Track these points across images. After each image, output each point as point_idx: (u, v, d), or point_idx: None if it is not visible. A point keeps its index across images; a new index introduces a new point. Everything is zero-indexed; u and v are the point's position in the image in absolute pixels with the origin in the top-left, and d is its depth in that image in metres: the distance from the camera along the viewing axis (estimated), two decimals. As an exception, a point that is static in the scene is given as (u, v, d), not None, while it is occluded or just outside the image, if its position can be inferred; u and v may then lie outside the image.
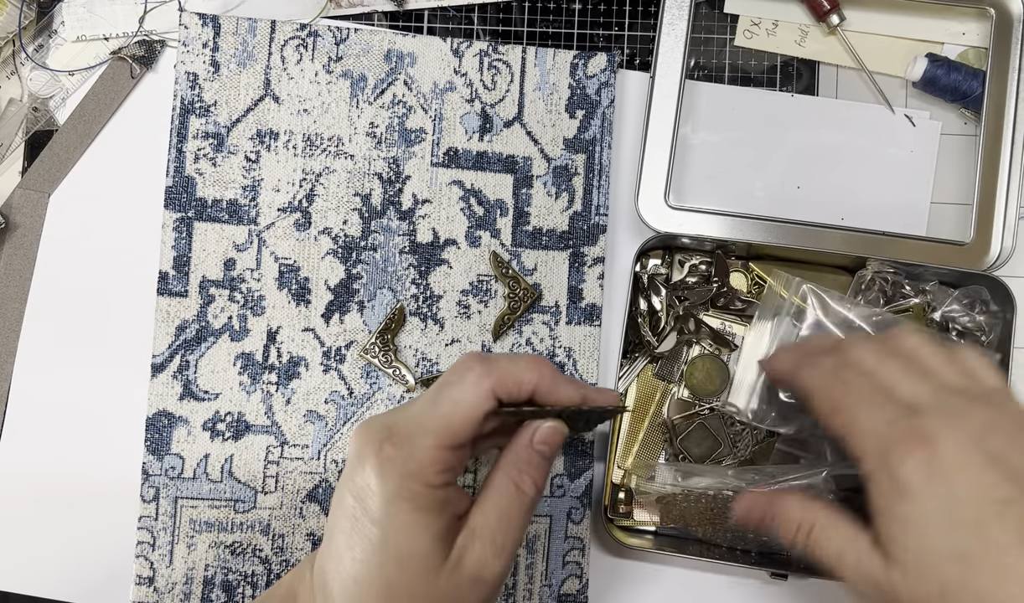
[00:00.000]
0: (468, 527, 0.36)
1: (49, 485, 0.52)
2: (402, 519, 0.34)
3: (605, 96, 0.53)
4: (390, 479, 0.34)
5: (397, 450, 0.35)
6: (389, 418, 0.37)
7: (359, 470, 0.35)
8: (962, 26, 0.54)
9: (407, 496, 0.34)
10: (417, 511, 0.34)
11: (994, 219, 0.50)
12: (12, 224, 0.53)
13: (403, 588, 0.34)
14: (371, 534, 0.34)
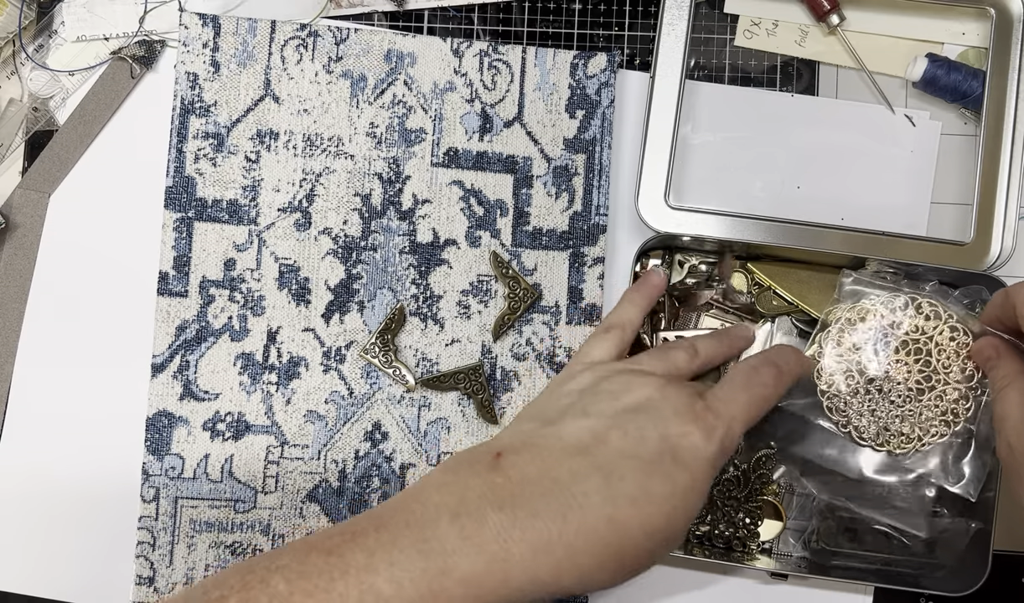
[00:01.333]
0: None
1: (49, 485, 0.52)
2: (708, 480, 0.37)
3: (605, 96, 0.53)
4: (713, 443, 0.37)
5: (718, 421, 0.38)
6: (697, 386, 0.41)
7: (674, 421, 0.37)
8: (962, 26, 0.54)
9: (718, 464, 0.38)
10: (710, 480, 0.38)
11: (994, 219, 0.50)
12: (12, 224, 0.53)
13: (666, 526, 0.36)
14: (682, 480, 0.36)
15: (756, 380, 0.41)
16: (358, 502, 0.51)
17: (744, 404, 0.40)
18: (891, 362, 0.47)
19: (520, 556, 0.33)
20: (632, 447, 0.36)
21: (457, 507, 0.34)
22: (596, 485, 0.34)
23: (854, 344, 0.47)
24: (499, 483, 0.35)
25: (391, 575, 0.32)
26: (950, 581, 0.48)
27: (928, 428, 0.47)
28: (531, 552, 0.33)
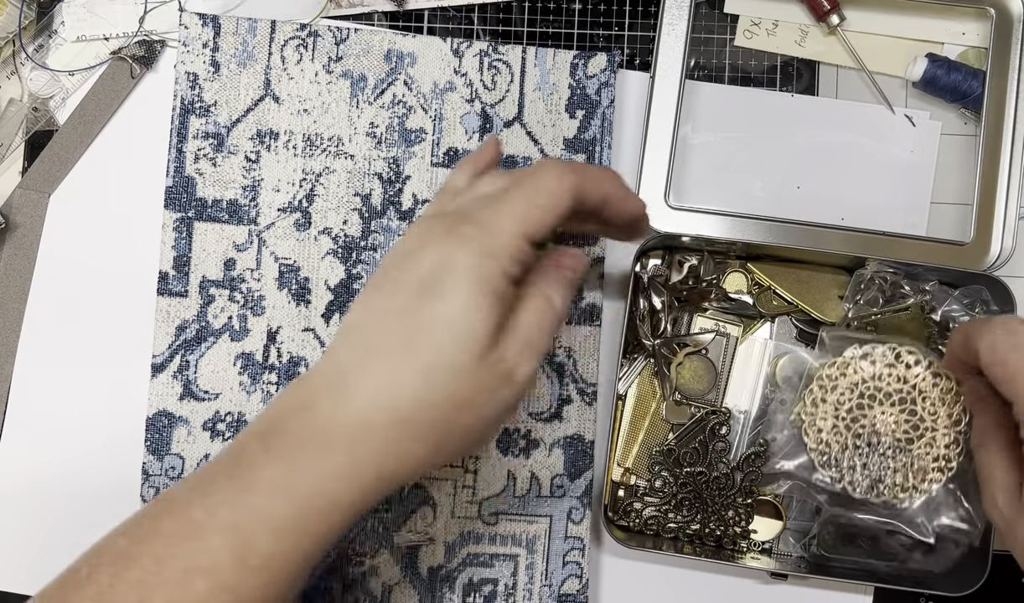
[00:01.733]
0: (509, 327, 0.35)
1: (49, 485, 0.52)
2: (472, 299, 0.33)
3: (605, 96, 0.52)
4: (470, 255, 0.33)
5: (477, 229, 0.34)
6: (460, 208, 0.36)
7: (429, 247, 0.34)
8: (962, 26, 0.53)
9: (484, 276, 0.33)
10: (487, 296, 0.33)
11: (994, 219, 0.49)
12: (12, 224, 0.52)
13: (448, 364, 0.33)
14: (436, 304, 0.33)
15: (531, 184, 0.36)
16: (358, 502, 0.51)
17: (514, 206, 0.35)
18: (877, 414, 0.46)
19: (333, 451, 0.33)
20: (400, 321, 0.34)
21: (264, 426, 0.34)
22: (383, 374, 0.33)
23: (838, 400, 0.47)
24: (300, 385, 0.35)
25: (205, 503, 0.32)
26: (950, 581, 0.48)
27: (922, 476, 0.46)
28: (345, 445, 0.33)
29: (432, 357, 0.33)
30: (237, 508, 0.32)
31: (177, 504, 0.32)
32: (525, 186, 0.36)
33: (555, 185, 0.36)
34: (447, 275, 0.33)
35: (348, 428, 0.33)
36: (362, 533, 0.50)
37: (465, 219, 0.34)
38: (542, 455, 0.51)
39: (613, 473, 0.50)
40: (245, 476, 0.32)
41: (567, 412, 0.51)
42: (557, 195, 0.35)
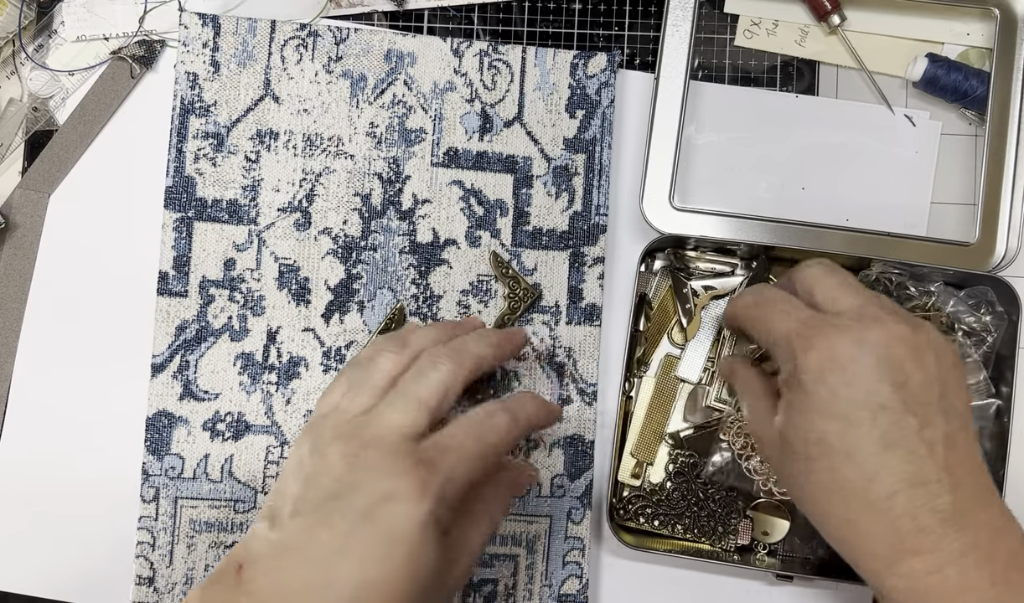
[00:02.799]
0: (459, 545, 0.36)
1: (49, 485, 0.50)
2: (432, 542, 0.34)
3: (605, 96, 0.51)
4: (426, 501, 0.33)
5: (432, 474, 0.34)
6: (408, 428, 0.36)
7: (379, 486, 0.33)
8: (965, 26, 0.52)
9: (436, 520, 0.34)
10: (442, 535, 0.34)
11: (999, 220, 0.48)
12: (12, 224, 0.51)
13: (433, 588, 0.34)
14: (400, 553, 0.33)
15: (488, 425, 0.37)
16: (358, 502, 0.49)
17: (468, 451, 0.35)
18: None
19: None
20: (340, 542, 0.33)
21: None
22: (320, 593, 0.32)
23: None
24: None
25: None
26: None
27: None
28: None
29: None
30: None
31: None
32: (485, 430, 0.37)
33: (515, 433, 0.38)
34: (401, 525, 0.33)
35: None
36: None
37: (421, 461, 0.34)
38: (542, 455, 0.49)
39: (618, 474, 0.49)
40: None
41: (567, 412, 0.50)
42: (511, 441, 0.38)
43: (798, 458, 0.37)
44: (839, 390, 0.35)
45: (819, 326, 0.37)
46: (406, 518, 0.33)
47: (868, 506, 0.35)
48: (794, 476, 0.38)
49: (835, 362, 0.35)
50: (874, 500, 0.35)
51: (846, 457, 0.35)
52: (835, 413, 0.35)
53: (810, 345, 0.36)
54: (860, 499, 0.35)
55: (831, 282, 0.39)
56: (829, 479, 0.36)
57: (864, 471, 0.35)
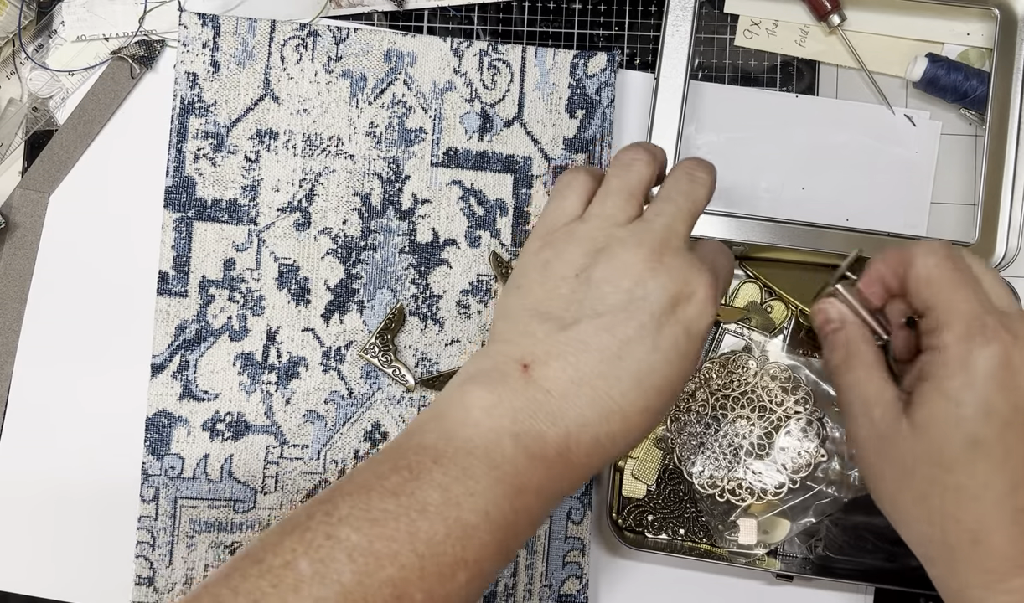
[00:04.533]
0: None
1: (49, 485, 0.49)
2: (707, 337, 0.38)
3: (605, 96, 0.50)
4: (713, 307, 0.36)
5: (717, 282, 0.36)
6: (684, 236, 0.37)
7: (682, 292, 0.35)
8: (966, 27, 0.51)
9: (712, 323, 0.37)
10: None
11: (999, 220, 0.47)
12: (12, 224, 0.50)
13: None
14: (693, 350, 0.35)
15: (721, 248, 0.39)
16: (358, 502, 0.48)
17: (725, 257, 0.39)
18: (732, 420, 0.46)
19: (577, 461, 0.34)
20: (651, 339, 0.34)
21: (513, 427, 0.33)
22: (629, 386, 0.34)
23: (698, 410, 0.47)
24: (541, 399, 0.34)
25: (474, 505, 0.31)
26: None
27: (805, 463, 0.45)
28: (586, 455, 0.34)
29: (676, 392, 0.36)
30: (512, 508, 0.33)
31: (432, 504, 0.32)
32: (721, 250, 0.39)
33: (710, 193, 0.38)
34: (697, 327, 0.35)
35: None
36: (362, 534, 0.48)
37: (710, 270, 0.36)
38: (542, 455, 0.49)
39: (617, 476, 0.48)
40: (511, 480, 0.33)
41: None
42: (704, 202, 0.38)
43: (932, 459, 0.34)
44: (1009, 395, 0.33)
45: (1001, 324, 0.34)
46: (701, 318, 0.35)
47: (1004, 515, 0.33)
48: (915, 477, 0.35)
49: (1010, 367, 0.33)
50: (1014, 508, 0.33)
51: (1000, 462, 0.33)
52: (998, 416, 0.33)
53: (989, 340, 0.34)
54: (999, 507, 0.33)
55: (992, 277, 0.37)
56: (969, 484, 0.34)
57: (1014, 478, 0.33)
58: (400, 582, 0.29)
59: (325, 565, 0.29)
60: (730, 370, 0.47)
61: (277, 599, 0.28)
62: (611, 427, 0.34)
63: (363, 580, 0.29)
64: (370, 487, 0.31)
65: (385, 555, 0.29)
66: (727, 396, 0.46)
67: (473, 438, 0.33)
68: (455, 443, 0.33)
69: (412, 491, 0.31)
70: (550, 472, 0.33)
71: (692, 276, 0.35)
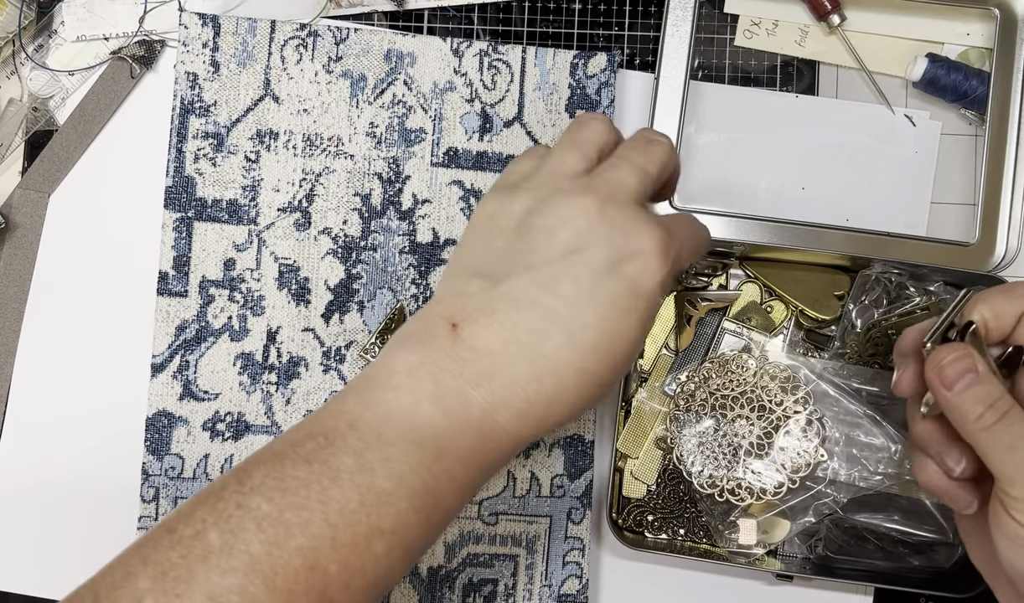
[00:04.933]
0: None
1: (49, 485, 0.49)
2: (656, 307, 0.34)
3: (605, 96, 0.50)
4: (666, 264, 0.33)
5: (672, 239, 0.33)
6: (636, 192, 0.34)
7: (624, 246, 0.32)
8: (966, 27, 0.51)
9: (666, 286, 0.33)
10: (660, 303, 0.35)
11: (999, 220, 0.47)
12: (12, 224, 0.50)
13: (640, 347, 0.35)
14: (641, 308, 0.32)
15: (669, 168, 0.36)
16: (358, 502, 0.48)
17: (698, 232, 0.36)
18: (732, 420, 0.46)
19: (506, 424, 0.32)
20: (587, 294, 0.31)
21: (435, 389, 0.31)
22: (561, 342, 0.31)
23: (698, 410, 0.47)
24: (467, 358, 0.31)
25: (389, 471, 0.29)
26: (952, 582, 0.46)
27: (804, 463, 0.45)
28: (516, 418, 0.32)
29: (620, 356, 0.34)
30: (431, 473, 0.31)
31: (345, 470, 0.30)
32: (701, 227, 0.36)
33: (668, 157, 0.36)
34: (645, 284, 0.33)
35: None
36: (362, 534, 0.48)
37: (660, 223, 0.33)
38: (542, 455, 0.49)
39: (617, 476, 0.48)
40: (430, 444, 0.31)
41: (567, 413, 0.49)
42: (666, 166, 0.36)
43: None
44: None
45: None
46: (650, 276, 0.32)
47: None
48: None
49: None
50: None
51: None
52: None
53: None
54: None
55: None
56: None
57: None
58: (311, 552, 0.28)
59: (234, 535, 0.27)
60: (730, 370, 0.47)
61: (185, 570, 0.27)
62: (543, 387, 0.32)
63: (272, 551, 0.27)
64: (284, 455, 0.30)
65: (295, 524, 0.28)
66: (726, 396, 0.46)
67: (391, 401, 0.31)
68: (373, 407, 0.31)
69: (326, 458, 0.29)
70: (476, 437, 0.31)
71: (638, 230, 0.32)
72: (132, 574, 0.28)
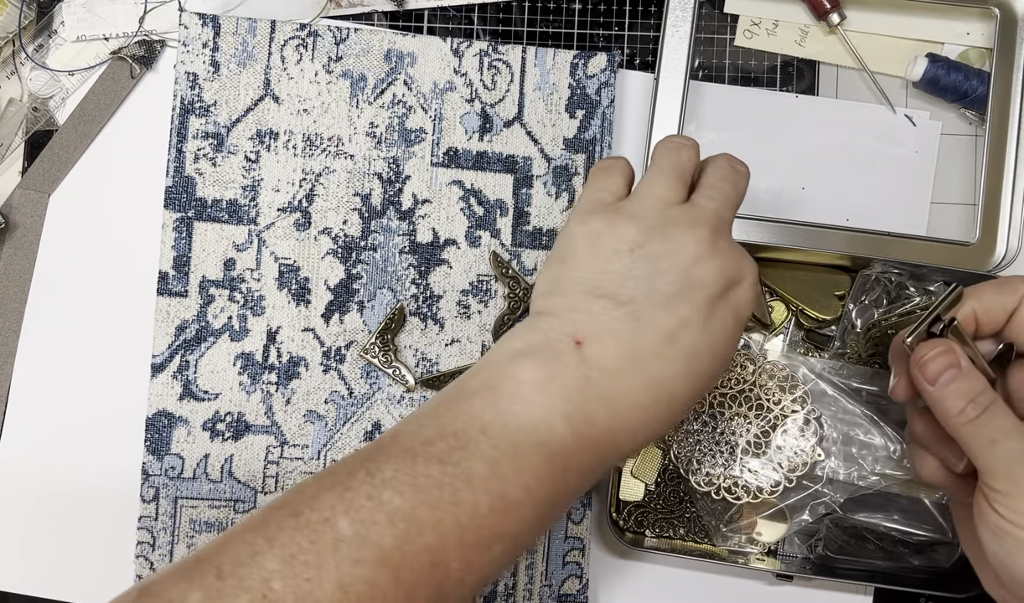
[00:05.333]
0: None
1: (49, 485, 0.49)
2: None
3: (605, 96, 0.50)
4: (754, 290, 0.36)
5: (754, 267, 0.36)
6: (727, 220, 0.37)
7: (733, 276, 0.35)
8: (966, 26, 0.51)
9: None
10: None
11: (999, 220, 0.47)
12: (12, 224, 0.50)
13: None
14: (738, 334, 0.36)
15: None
16: (358, 502, 0.48)
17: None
18: (730, 419, 0.46)
19: (622, 443, 0.34)
20: (703, 322, 0.34)
21: (565, 407, 0.32)
22: (681, 370, 0.33)
23: (696, 408, 0.47)
24: (594, 378, 0.33)
25: (520, 481, 0.30)
26: (952, 582, 0.46)
27: (802, 462, 0.45)
28: (630, 437, 0.34)
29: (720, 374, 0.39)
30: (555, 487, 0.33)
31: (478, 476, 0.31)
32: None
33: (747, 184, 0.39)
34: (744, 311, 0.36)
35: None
36: (362, 534, 0.48)
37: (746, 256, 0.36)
38: (542, 455, 0.49)
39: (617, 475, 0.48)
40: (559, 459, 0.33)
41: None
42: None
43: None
44: None
45: None
46: (748, 304, 0.35)
47: None
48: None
49: None
50: None
51: None
52: None
53: None
54: None
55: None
56: None
57: None
58: (439, 550, 0.29)
59: (366, 527, 0.28)
60: (729, 369, 0.47)
61: (314, 556, 0.27)
62: (659, 409, 0.33)
63: (402, 545, 0.28)
64: (415, 452, 0.30)
65: (427, 522, 0.29)
66: (725, 394, 0.46)
67: (523, 414, 0.32)
68: (504, 417, 0.32)
69: (459, 461, 0.30)
70: (595, 452, 0.33)
71: (743, 262, 0.35)
72: (258, 553, 0.28)
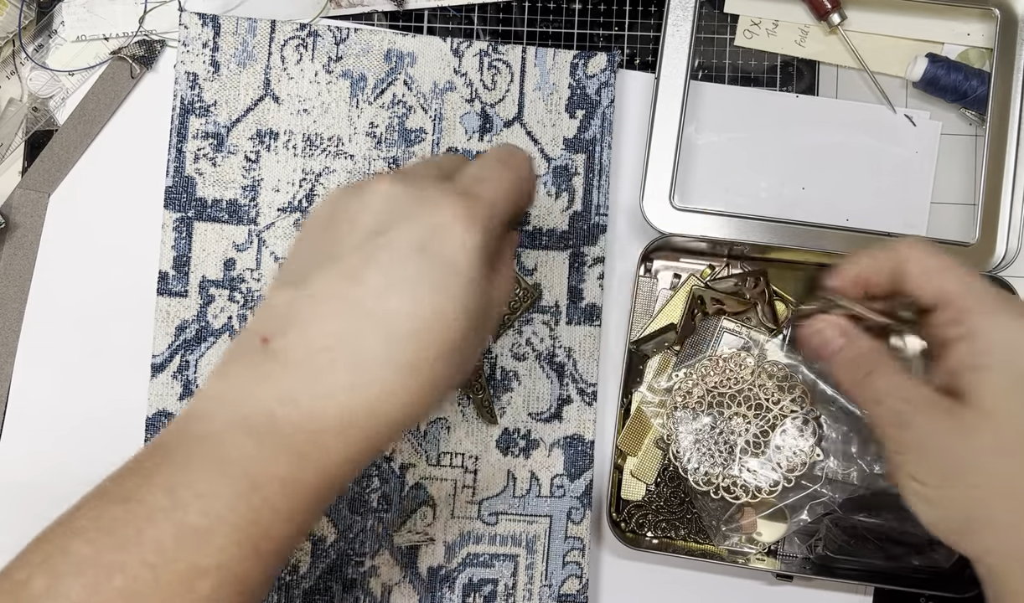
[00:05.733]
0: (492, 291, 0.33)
1: (49, 485, 0.49)
2: (482, 277, 0.30)
3: (605, 96, 0.50)
4: (476, 232, 0.30)
5: (478, 204, 0.30)
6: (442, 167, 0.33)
7: (425, 218, 0.29)
8: (966, 27, 0.51)
9: (487, 253, 0.31)
10: (489, 271, 0.31)
11: (999, 220, 0.47)
12: (12, 224, 0.50)
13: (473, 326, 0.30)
14: (454, 285, 0.29)
15: (512, 161, 0.33)
16: (358, 502, 0.48)
17: (505, 181, 0.32)
18: (729, 418, 0.46)
19: (325, 441, 0.29)
20: (393, 279, 0.29)
21: (242, 412, 0.29)
22: (375, 339, 0.29)
23: (695, 407, 0.47)
24: (277, 374, 0.29)
25: (201, 508, 0.27)
26: (952, 582, 0.46)
27: (800, 462, 0.45)
28: (336, 433, 0.29)
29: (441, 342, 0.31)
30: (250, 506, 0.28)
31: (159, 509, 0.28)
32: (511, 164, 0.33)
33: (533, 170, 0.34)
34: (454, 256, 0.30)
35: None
36: (362, 533, 0.48)
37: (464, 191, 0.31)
38: (542, 455, 0.49)
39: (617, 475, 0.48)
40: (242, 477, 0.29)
41: (567, 412, 0.49)
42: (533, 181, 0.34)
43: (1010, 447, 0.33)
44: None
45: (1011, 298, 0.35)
46: (461, 247, 0.29)
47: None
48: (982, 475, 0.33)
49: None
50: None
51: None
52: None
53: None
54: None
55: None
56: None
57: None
58: (132, 594, 0.26)
59: (57, 581, 0.27)
60: (728, 368, 0.47)
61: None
62: (362, 394, 0.29)
63: (91, 596, 0.26)
64: (106, 493, 0.29)
65: (114, 566, 0.27)
66: (723, 393, 0.46)
67: (200, 432, 0.29)
68: (185, 438, 0.29)
69: (143, 497, 0.28)
70: (292, 459, 0.28)
71: (435, 201, 0.30)
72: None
